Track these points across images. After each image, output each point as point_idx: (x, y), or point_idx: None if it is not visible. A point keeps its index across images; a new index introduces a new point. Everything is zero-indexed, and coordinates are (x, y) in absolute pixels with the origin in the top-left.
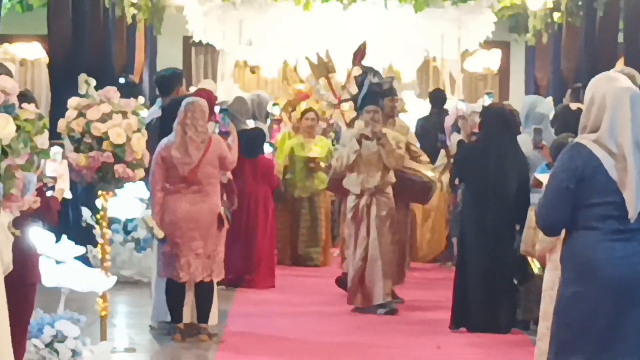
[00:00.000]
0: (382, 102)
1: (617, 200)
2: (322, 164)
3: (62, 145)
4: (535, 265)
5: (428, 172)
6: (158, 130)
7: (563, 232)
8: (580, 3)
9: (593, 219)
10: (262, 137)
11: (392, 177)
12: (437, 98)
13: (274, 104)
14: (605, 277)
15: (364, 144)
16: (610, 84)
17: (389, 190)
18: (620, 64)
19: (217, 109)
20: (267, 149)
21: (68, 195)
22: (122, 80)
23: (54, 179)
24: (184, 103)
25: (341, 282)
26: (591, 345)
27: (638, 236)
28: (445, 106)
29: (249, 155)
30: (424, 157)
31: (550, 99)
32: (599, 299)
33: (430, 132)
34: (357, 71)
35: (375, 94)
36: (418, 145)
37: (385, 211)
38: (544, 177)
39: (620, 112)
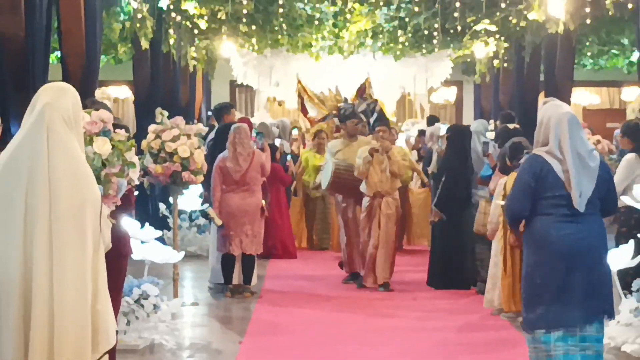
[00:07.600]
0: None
1: (564, 193)
2: None
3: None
4: None
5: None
6: (212, 144)
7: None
8: (513, 52)
9: (548, 207)
10: (273, 150)
11: (398, 182)
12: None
13: (293, 127)
14: (556, 249)
15: (375, 156)
16: (554, 110)
17: (396, 193)
18: (542, 96)
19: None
20: (287, 158)
21: (136, 182)
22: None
23: None
24: (232, 128)
25: (342, 264)
26: (548, 298)
27: (581, 219)
28: (418, 128)
29: None
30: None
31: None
32: (553, 265)
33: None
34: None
35: (383, 117)
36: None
37: (392, 210)
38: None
39: (561, 131)
